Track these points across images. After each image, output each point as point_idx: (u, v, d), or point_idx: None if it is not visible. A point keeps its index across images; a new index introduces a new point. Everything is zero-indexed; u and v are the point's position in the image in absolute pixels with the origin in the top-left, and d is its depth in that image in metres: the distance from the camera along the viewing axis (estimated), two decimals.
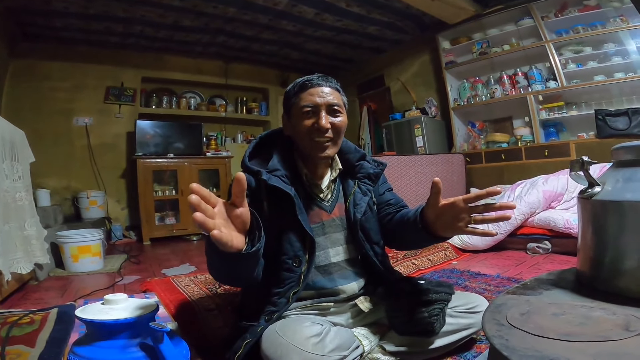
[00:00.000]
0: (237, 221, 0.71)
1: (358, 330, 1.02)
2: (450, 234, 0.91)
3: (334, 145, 1.03)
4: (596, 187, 0.73)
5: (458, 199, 0.84)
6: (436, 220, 0.91)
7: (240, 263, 0.76)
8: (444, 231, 0.91)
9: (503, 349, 0.54)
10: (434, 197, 0.88)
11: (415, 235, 0.98)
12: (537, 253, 2.33)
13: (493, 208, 0.82)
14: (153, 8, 3.40)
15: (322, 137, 1.00)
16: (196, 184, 0.63)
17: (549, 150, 3.35)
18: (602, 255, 0.72)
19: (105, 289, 2.01)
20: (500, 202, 0.82)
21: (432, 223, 0.92)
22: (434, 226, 0.92)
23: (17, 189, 1.96)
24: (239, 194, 0.69)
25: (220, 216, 0.67)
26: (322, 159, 1.05)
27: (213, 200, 0.67)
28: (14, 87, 3.70)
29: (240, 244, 0.72)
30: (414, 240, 1.05)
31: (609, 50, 3.17)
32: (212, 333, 1.29)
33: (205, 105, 4.91)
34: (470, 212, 0.85)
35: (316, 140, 1.00)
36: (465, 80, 4.06)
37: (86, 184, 4.02)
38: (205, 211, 0.63)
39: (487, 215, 0.83)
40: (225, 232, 0.65)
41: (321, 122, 0.99)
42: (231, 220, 0.71)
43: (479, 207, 0.84)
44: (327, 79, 1.05)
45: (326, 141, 1.01)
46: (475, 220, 0.85)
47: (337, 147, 1.06)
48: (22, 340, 0.95)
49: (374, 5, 3.65)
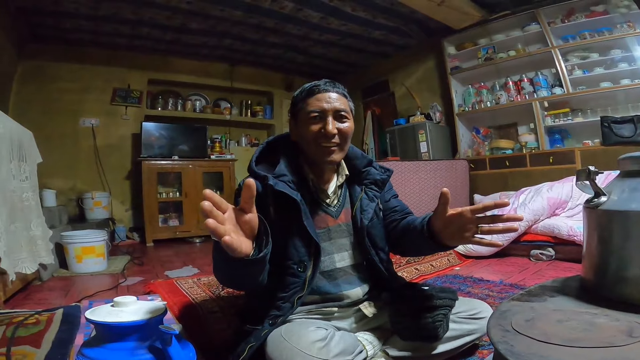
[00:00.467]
0: (246, 227, 0.72)
1: (362, 334, 1.02)
2: (457, 243, 0.92)
3: (340, 150, 1.04)
4: (602, 197, 0.74)
5: (465, 209, 0.85)
6: (443, 230, 0.91)
7: (247, 268, 0.77)
8: (451, 240, 0.91)
9: (508, 354, 0.55)
10: (441, 208, 0.88)
11: (421, 243, 0.99)
12: (540, 260, 2.32)
13: (500, 219, 0.83)
14: (161, 10, 3.44)
15: (329, 142, 1.01)
16: (209, 191, 0.65)
17: (554, 157, 3.34)
18: (607, 263, 0.72)
19: (109, 290, 2.02)
20: (508, 214, 0.82)
21: (439, 232, 0.92)
22: (440, 235, 0.92)
23: (24, 190, 1.97)
24: (249, 200, 0.70)
25: (230, 222, 0.68)
26: (329, 163, 1.05)
27: (224, 206, 0.68)
28: (23, 88, 3.74)
29: (248, 249, 0.73)
30: (419, 247, 1.06)
31: (615, 57, 3.16)
32: (215, 336, 1.30)
33: (210, 108, 4.94)
34: (477, 223, 0.85)
35: (323, 146, 1.01)
36: (470, 85, 4.06)
37: (91, 185, 4.04)
38: (217, 217, 0.64)
39: (494, 226, 0.84)
40: (234, 238, 0.67)
41: (328, 128, 0.99)
42: (240, 226, 0.72)
43: (486, 218, 0.84)
44: (334, 84, 1.05)
45: (333, 146, 1.01)
46: (482, 230, 0.85)
47: (344, 153, 1.06)
48: (28, 341, 0.96)
49: (379, 10, 3.66)
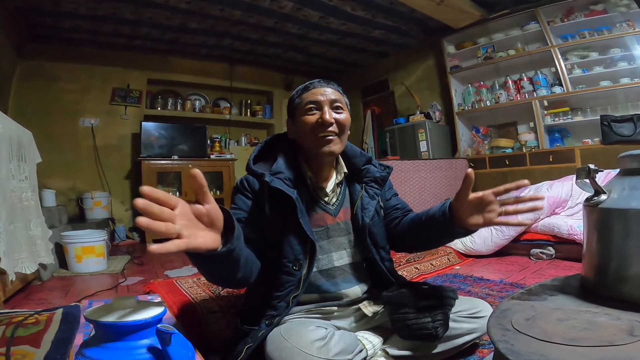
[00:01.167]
0: (205, 220, 0.66)
1: (361, 334, 1.02)
2: (480, 226, 0.92)
3: (339, 140, 1.03)
4: (602, 195, 0.74)
5: (487, 192, 0.87)
6: (465, 213, 0.92)
7: (216, 264, 0.73)
8: (474, 224, 0.91)
9: (508, 353, 0.54)
10: (464, 190, 0.89)
11: (439, 231, 0.99)
12: (540, 259, 2.32)
13: (524, 199, 0.85)
14: (160, 10, 3.43)
15: (327, 131, 1.00)
16: (147, 187, 0.57)
17: (554, 156, 3.35)
18: (607, 262, 0.72)
19: (109, 290, 2.01)
20: (530, 194, 0.86)
21: (461, 216, 0.92)
22: (463, 219, 0.92)
23: (24, 189, 1.97)
24: (200, 190, 0.64)
25: (182, 217, 0.61)
26: (328, 155, 1.03)
27: (172, 201, 0.60)
28: (22, 88, 3.74)
29: (213, 243, 0.67)
30: (435, 237, 1.05)
31: (615, 56, 3.17)
32: (215, 336, 1.30)
33: (210, 108, 4.94)
34: (500, 204, 0.88)
35: (321, 136, 1.00)
36: (470, 85, 4.06)
37: (91, 185, 4.04)
38: (161, 215, 0.57)
39: (520, 207, 0.86)
40: (186, 234, 0.60)
41: (325, 117, 0.99)
42: (200, 220, 0.66)
43: (510, 200, 0.87)
44: (328, 82, 1.06)
45: (331, 135, 1.01)
46: (507, 211, 0.87)
47: (343, 145, 1.05)
48: (28, 341, 0.95)
49: (378, 9, 3.66)
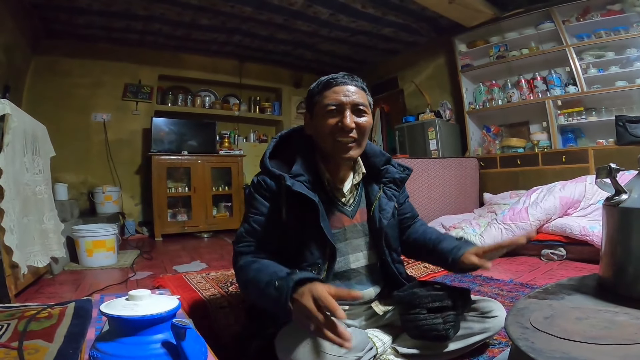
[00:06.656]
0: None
1: (372, 331, 1.02)
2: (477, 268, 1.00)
3: (357, 146, 0.99)
4: (623, 195, 0.73)
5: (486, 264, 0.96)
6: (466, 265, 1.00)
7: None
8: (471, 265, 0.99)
9: (529, 351, 0.54)
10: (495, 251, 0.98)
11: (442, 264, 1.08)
12: (551, 259, 2.29)
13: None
14: (172, 6, 3.45)
15: (346, 137, 0.96)
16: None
17: (567, 156, 3.29)
18: (626, 262, 0.72)
19: (119, 284, 2.04)
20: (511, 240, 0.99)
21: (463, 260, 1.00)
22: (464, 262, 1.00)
23: (37, 183, 1.99)
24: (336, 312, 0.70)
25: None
26: (345, 159, 1.01)
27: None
28: (36, 83, 3.80)
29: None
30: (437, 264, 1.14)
31: (631, 56, 3.10)
32: (224, 331, 1.30)
33: (220, 104, 4.96)
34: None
35: (339, 140, 0.96)
36: (482, 83, 4.01)
37: (102, 179, 4.09)
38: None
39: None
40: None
41: (345, 121, 0.94)
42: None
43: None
44: (352, 77, 1.01)
45: (350, 141, 0.97)
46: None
47: (361, 149, 1.02)
48: (40, 335, 0.95)
49: (389, 6, 3.63)
